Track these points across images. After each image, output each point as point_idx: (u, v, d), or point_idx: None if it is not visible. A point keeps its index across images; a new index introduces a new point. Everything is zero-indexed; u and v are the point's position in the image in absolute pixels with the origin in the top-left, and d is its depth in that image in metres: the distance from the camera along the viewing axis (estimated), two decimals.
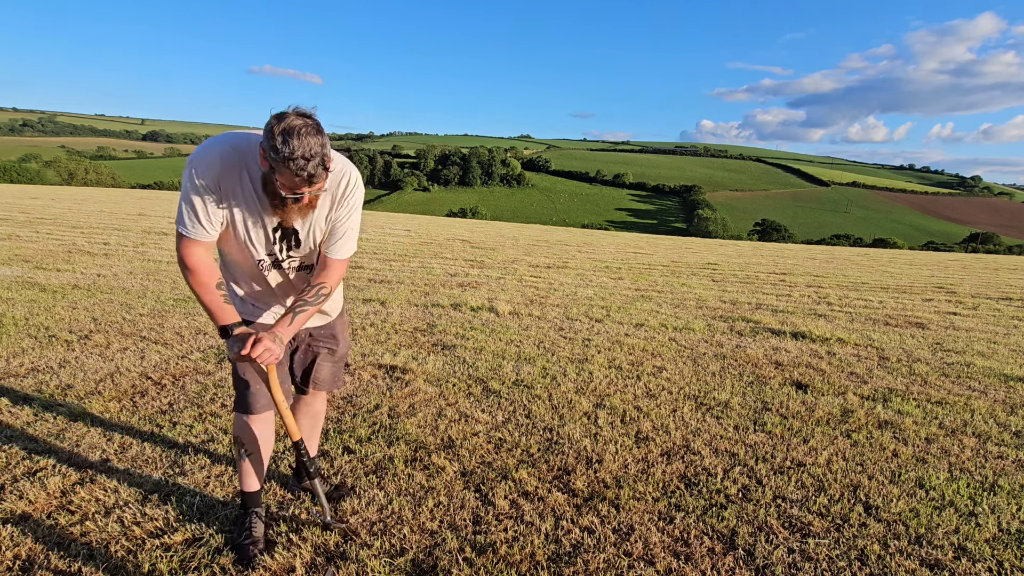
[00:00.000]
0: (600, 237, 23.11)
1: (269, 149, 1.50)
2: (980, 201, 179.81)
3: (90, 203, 19.38)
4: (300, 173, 1.51)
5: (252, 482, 2.00)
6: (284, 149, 1.48)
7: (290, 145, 1.48)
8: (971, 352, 4.96)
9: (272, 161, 1.51)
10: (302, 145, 1.49)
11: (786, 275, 10.70)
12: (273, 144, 1.48)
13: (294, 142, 1.48)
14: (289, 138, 1.48)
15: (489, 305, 5.93)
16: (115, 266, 7.20)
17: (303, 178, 1.53)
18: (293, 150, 1.48)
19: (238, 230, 1.71)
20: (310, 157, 1.50)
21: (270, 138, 1.49)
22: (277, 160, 1.49)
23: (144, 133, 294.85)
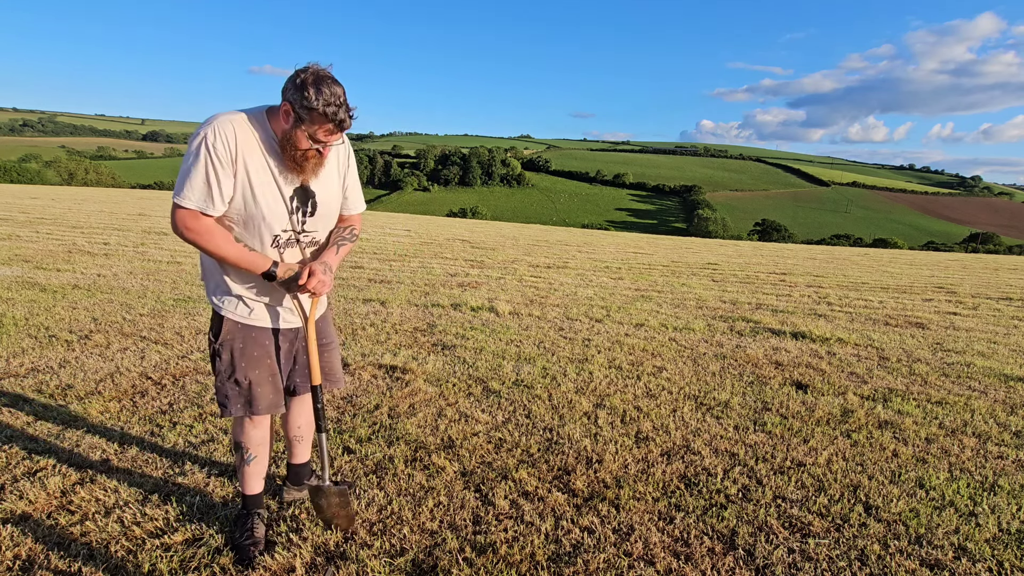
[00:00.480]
0: (600, 237, 23.12)
1: (300, 100, 1.56)
2: (980, 201, 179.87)
3: (90, 203, 19.38)
4: (334, 118, 1.59)
5: (255, 485, 2.00)
6: (319, 97, 1.56)
7: (323, 93, 1.56)
8: (971, 352, 4.96)
9: (303, 111, 1.57)
10: (333, 92, 1.58)
11: (786, 275, 10.70)
12: (305, 94, 1.55)
13: (326, 89, 1.57)
14: (322, 86, 1.57)
15: (489, 305, 5.93)
16: (115, 266, 7.20)
17: (336, 123, 1.61)
18: (328, 97, 1.57)
19: (257, 202, 1.68)
20: (341, 103, 1.60)
21: (301, 89, 1.56)
22: (310, 109, 1.56)
23: (144, 133, 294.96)
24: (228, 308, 1.83)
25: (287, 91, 1.60)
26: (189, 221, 1.64)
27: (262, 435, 1.96)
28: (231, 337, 1.84)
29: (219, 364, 1.86)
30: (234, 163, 1.63)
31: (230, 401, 1.87)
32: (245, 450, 1.94)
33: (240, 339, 1.84)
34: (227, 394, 1.87)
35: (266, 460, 2.01)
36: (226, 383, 1.86)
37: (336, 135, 1.66)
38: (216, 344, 1.85)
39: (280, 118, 1.64)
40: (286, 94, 1.60)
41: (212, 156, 1.60)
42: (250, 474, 1.97)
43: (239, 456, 1.96)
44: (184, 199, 1.62)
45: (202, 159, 1.59)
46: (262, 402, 1.89)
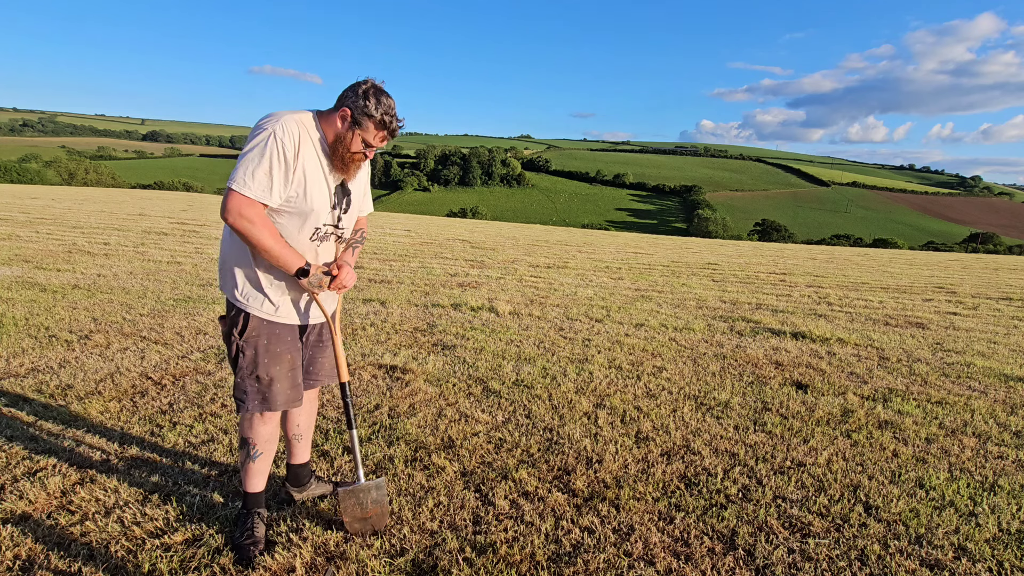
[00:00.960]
0: (600, 237, 23.12)
1: (360, 107, 1.75)
2: (980, 201, 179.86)
3: (90, 203, 19.39)
4: (388, 125, 1.80)
5: (258, 482, 2.00)
6: (379, 106, 1.77)
7: (382, 103, 1.77)
8: (971, 352, 4.96)
9: (362, 117, 1.76)
10: (389, 103, 1.79)
11: (786, 275, 10.70)
12: (365, 103, 1.75)
13: (384, 100, 1.78)
14: (380, 96, 1.78)
15: (489, 305, 5.93)
16: (115, 266, 7.20)
17: (390, 130, 1.81)
18: (384, 107, 1.78)
19: (311, 194, 1.79)
20: (394, 114, 1.81)
21: (362, 97, 1.75)
22: (369, 115, 1.76)
23: (144, 133, 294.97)
24: (254, 305, 1.85)
25: (347, 98, 1.78)
26: (246, 208, 1.70)
27: (271, 431, 1.97)
28: (256, 334, 1.86)
29: (242, 360, 1.87)
30: (296, 159, 1.73)
31: (248, 397, 1.89)
32: (252, 446, 1.95)
33: (265, 336, 1.87)
34: (246, 390, 1.89)
35: (270, 458, 2.02)
36: (247, 379, 1.88)
37: (385, 141, 1.83)
38: (240, 341, 1.86)
39: (335, 121, 1.79)
40: (346, 100, 1.78)
41: (278, 150, 1.70)
42: (254, 471, 1.98)
43: (244, 452, 1.96)
44: (245, 187, 1.68)
45: (268, 152, 1.69)
46: (279, 398, 1.91)
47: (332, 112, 1.81)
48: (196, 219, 15.12)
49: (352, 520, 2.01)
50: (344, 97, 1.79)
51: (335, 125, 1.79)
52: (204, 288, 6.14)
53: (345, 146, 1.80)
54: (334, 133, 1.80)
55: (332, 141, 1.81)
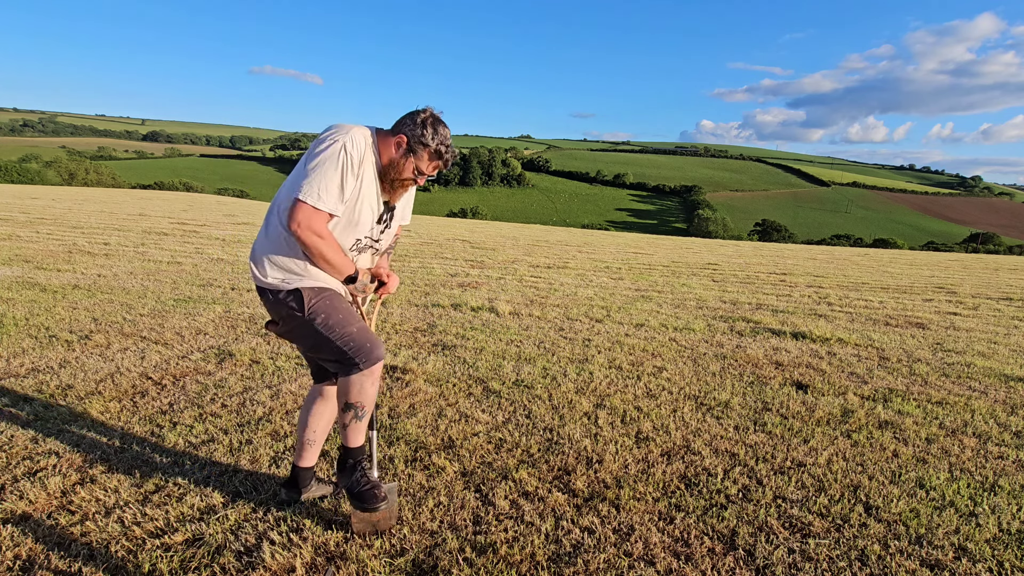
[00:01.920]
0: (600, 237, 23.11)
1: (417, 136, 1.81)
2: (980, 201, 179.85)
3: (90, 203, 19.39)
4: (443, 155, 1.86)
5: (361, 437, 2.03)
6: (436, 137, 1.82)
7: (439, 133, 1.83)
8: (971, 352, 4.96)
9: (417, 145, 1.81)
10: (445, 132, 1.85)
11: (786, 275, 10.70)
12: (422, 132, 1.81)
13: (441, 129, 1.85)
14: (438, 127, 1.84)
15: (489, 305, 5.93)
16: (115, 266, 7.20)
17: (444, 161, 1.88)
18: (441, 138, 1.84)
19: (361, 208, 1.85)
20: (450, 143, 1.87)
21: (420, 127, 1.81)
22: (425, 145, 1.82)
23: (144, 133, 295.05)
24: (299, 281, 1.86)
25: (405, 125, 1.83)
26: (315, 222, 1.73)
27: (375, 391, 1.98)
28: (315, 300, 1.87)
29: (322, 329, 1.87)
30: (359, 174, 1.79)
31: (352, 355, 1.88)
32: (359, 408, 1.94)
33: (326, 297, 1.89)
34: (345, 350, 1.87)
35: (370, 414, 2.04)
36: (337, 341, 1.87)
37: (437, 170, 1.89)
38: (306, 315, 1.86)
39: (391, 145, 1.84)
40: (403, 128, 1.83)
41: (348, 163, 1.74)
42: (358, 429, 1.99)
43: (351, 414, 1.95)
44: (319, 200, 1.72)
45: (340, 165, 1.73)
46: (378, 344, 1.93)
47: (389, 135, 1.86)
48: (196, 219, 15.12)
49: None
50: (402, 124, 1.84)
51: (390, 149, 1.85)
52: (204, 288, 6.14)
53: (397, 171, 1.85)
54: (388, 157, 1.85)
55: (385, 164, 1.86)
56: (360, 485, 1.99)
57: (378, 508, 1.95)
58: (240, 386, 3.34)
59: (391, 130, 1.87)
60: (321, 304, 1.88)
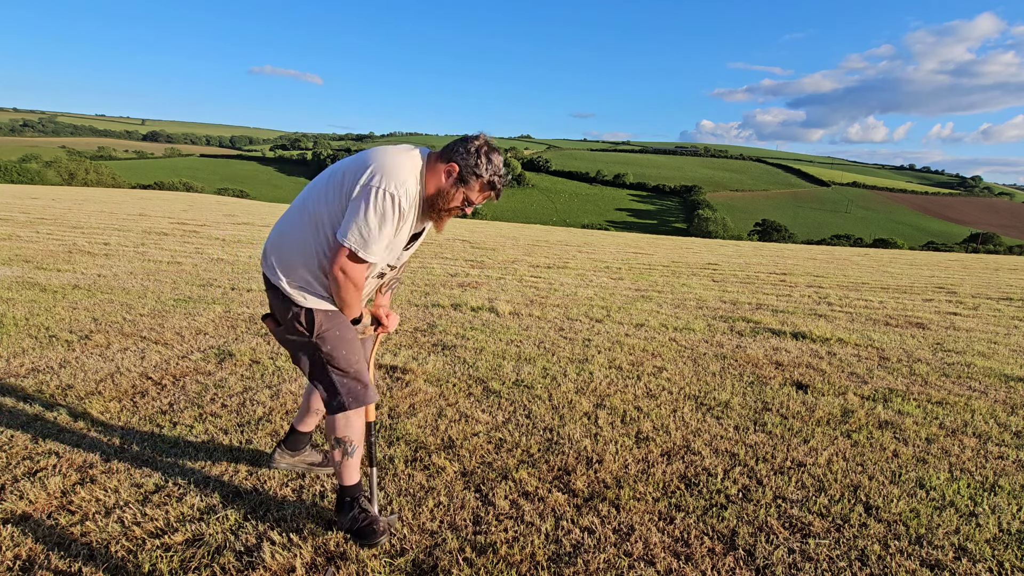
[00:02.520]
0: (600, 237, 23.12)
1: (471, 167, 1.74)
2: (980, 201, 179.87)
3: (90, 203, 19.39)
4: (495, 187, 1.79)
5: (356, 474, 2.01)
6: (489, 167, 1.75)
7: (493, 163, 1.76)
8: (971, 352, 4.96)
9: (470, 175, 1.74)
10: (498, 161, 1.78)
11: (786, 275, 10.70)
12: (476, 161, 1.74)
13: (495, 158, 1.77)
14: (491, 155, 1.76)
15: (489, 305, 5.93)
16: (115, 266, 7.20)
17: (497, 192, 1.81)
18: (494, 168, 1.77)
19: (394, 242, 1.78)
20: (503, 173, 1.80)
21: (474, 155, 1.73)
22: (478, 176, 1.74)
23: (144, 133, 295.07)
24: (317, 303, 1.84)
25: (457, 153, 1.75)
26: (354, 270, 1.71)
27: (363, 424, 1.97)
28: (326, 326, 1.85)
29: (321, 355, 1.85)
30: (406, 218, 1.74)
31: (340, 394, 1.87)
32: (348, 443, 1.93)
33: (336, 326, 1.86)
34: (336, 387, 1.87)
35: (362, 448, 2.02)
36: (332, 375, 1.86)
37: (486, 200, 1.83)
38: (313, 337, 1.84)
39: (440, 174, 1.76)
40: (455, 156, 1.75)
41: (397, 214, 1.69)
42: (351, 466, 1.98)
43: (340, 450, 1.94)
44: (369, 254, 1.69)
45: (392, 218, 1.68)
46: (371, 388, 1.92)
47: (438, 161, 1.78)
48: (196, 219, 15.12)
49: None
50: (454, 152, 1.76)
51: (439, 177, 1.77)
52: (204, 288, 6.14)
53: (446, 201, 1.78)
54: (436, 186, 1.77)
55: (432, 194, 1.78)
56: (359, 522, 1.97)
57: (379, 543, 1.94)
58: (240, 386, 3.34)
59: (441, 155, 1.79)
60: (331, 333, 1.86)
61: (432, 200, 1.78)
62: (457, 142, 1.78)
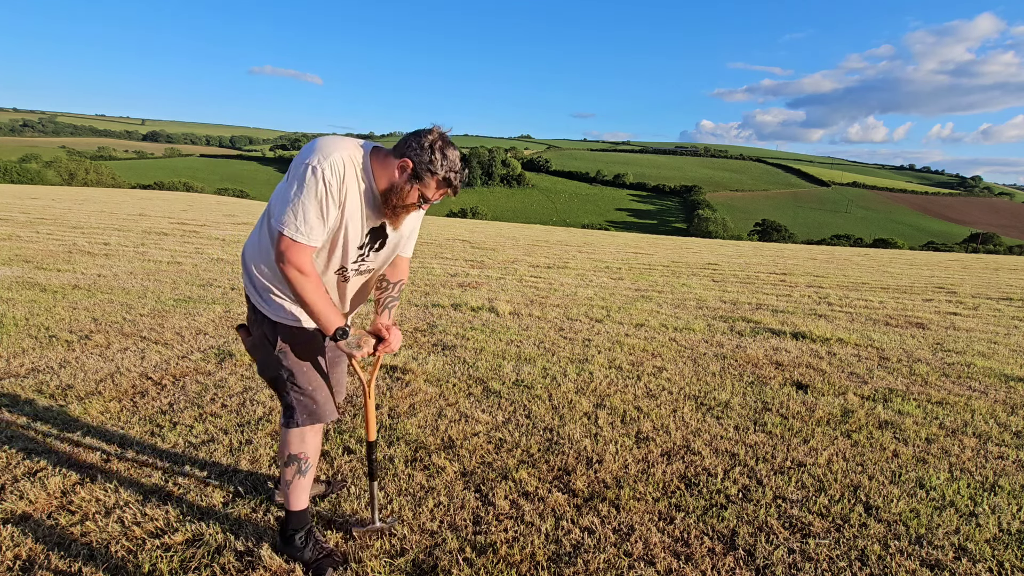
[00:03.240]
0: (600, 237, 23.11)
1: (424, 163, 1.64)
2: (980, 201, 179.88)
3: (90, 203, 19.39)
4: (452, 183, 1.69)
5: (305, 498, 1.92)
6: (445, 163, 1.66)
7: (448, 159, 1.66)
8: (971, 352, 4.96)
9: (424, 172, 1.64)
10: (454, 156, 1.68)
11: (786, 275, 10.70)
12: (430, 158, 1.64)
13: (450, 154, 1.67)
14: (447, 151, 1.66)
15: (489, 305, 5.93)
16: (115, 266, 7.20)
17: (453, 188, 1.71)
18: (450, 164, 1.67)
19: (345, 236, 1.70)
20: (459, 168, 1.70)
21: (428, 151, 1.63)
22: (433, 172, 1.65)
23: (144, 133, 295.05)
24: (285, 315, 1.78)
25: (410, 148, 1.65)
26: (302, 259, 1.60)
27: (319, 442, 1.91)
28: (289, 341, 1.80)
29: (282, 371, 1.80)
30: (340, 200, 1.63)
31: (296, 411, 1.82)
32: (303, 460, 1.86)
33: (301, 342, 1.81)
34: (292, 403, 1.82)
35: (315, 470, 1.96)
36: (290, 392, 1.82)
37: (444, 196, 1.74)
38: (276, 350, 1.79)
39: (392, 169, 1.67)
40: (408, 151, 1.65)
41: (326, 192, 1.58)
42: (303, 487, 1.89)
43: (294, 468, 1.86)
44: (300, 234, 1.58)
45: (318, 192, 1.57)
46: (327, 406, 1.86)
47: (390, 156, 1.68)
48: (196, 219, 15.12)
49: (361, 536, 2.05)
50: (407, 146, 1.66)
51: (391, 173, 1.67)
52: (204, 288, 6.14)
53: (400, 198, 1.68)
54: (388, 181, 1.68)
55: (385, 188, 1.68)
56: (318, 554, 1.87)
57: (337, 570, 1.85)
58: (240, 386, 3.34)
59: (394, 150, 1.69)
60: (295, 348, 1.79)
61: (386, 195, 1.69)
62: (410, 136, 1.68)
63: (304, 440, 1.86)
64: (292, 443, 1.85)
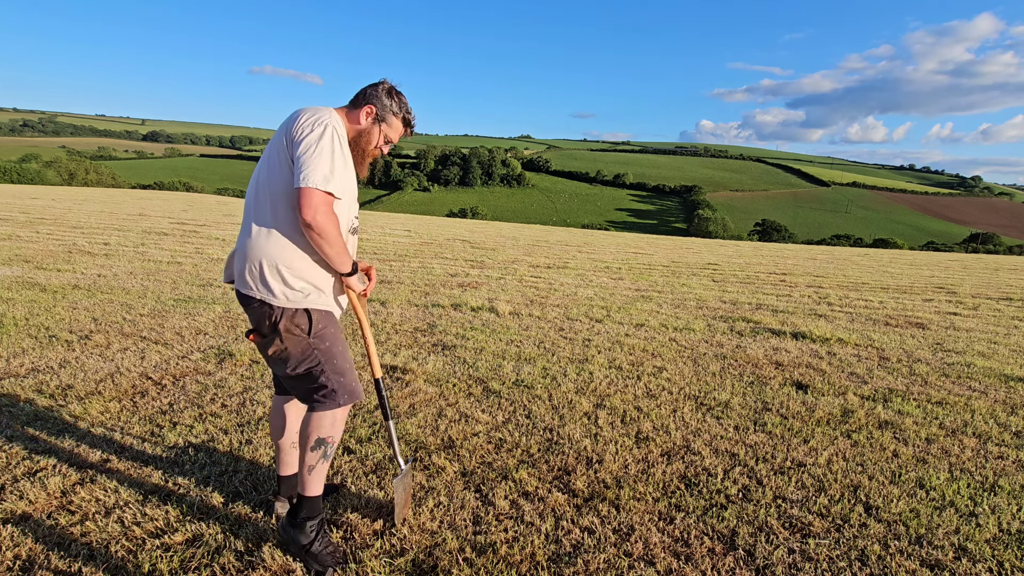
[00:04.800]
0: (600, 237, 23.11)
1: (385, 105, 1.88)
2: (980, 201, 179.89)
3: (90, 203, 19.39)
4: (411, 122, 1.97)
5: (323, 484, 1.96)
6: (402, 104, 1.92)
7: (404, 102, 1.93)
8: (971, 352, 4.96)
9: (386, 113, 1.89)
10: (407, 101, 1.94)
11: (786, 275, 10.70)
12: (390, 101, 1.89)
13: (403, 99, 1.93)
14: (401, 96, 1.93)
15: (489, 305, 5.93)
16: (115, 266, 7.20)
17: (411, 128, 1.98)
18: (407, 106, 1.94)
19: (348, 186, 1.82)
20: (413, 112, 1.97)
21: (386, 96, 1.89)
22: (394, 113, 1.91)
23: (144, 133, 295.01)
24: (313, 300, 1.81)
25: (371, 96, 1.88)
26: (327, 205, 1.69)
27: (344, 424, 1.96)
28: (322, 326, 1.83)
29: (318, 357, 1.83)
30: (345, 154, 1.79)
31: (337, 393, 1.86)
32: (330, 444, 1.88)
33: (331, 325, 1.87)
34: (332, 387, 1.85)
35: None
36: (330, 375, 1.85)
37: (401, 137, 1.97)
38: (311, 339, 1.81)
39: (358, 117, 1.88)
40: (370, 99, 1.88)
41: (340, 145, 1.75)
42: (324, 472, 1.91)
43: (320, 452, 1.86)
44: (328, 184, 1.68)
45: (337, 148, 1.72)
46: (359, 384, 1.93)
47: (353, 108, 1.89)
48: (196, 219, 15.12)
49: (401, 506, 2.07)
50: (367, 96, 1.88)
51: (358, 120, 1.88)
52: (204, 288, 6.14)
53: (367, 139, 1.89)
54: (356, 128, 1.88)
55: (353, 136, 1.88)
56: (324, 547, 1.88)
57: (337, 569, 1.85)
58: (240, 386, 3.34)
59: (352, 103, 1.90)
60: (328, 331, 1.84)
61: (355, 142, 1.88)
62: (366, 88, 1.90)
63: (335, 422, 1.88)
64: (323, 426, 1.86)
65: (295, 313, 1.79)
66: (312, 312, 1.81)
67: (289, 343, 1.81)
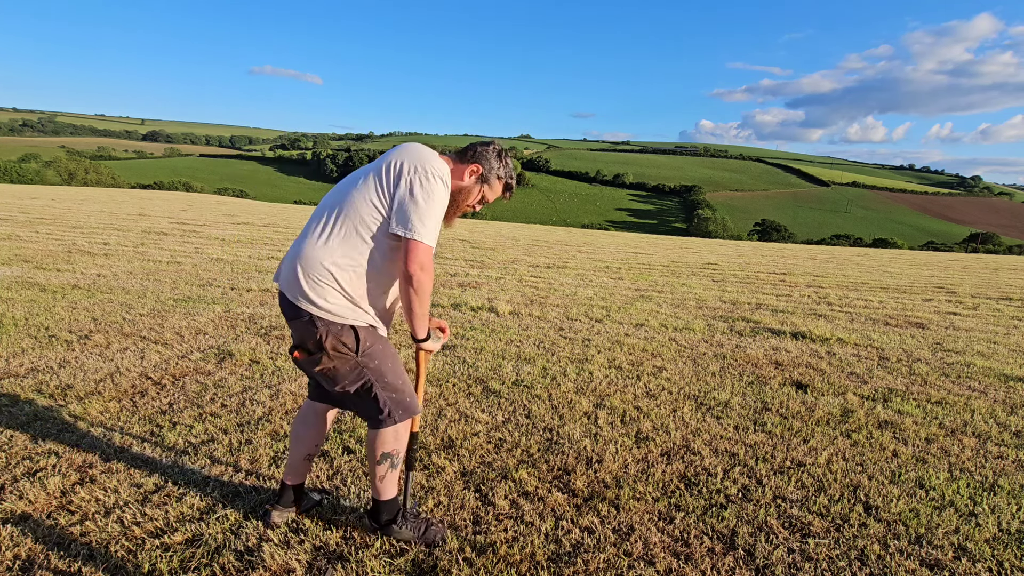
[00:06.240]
0: (600, 237, 23.12)
1: (494, 168, 1.91)
2: (980, 201, 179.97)
3: (90, 203, 19.38)
4: (512, 188, 1.99)
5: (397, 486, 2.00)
6: (506, 169, 1.95)
7: (509, 167, 1.95)
8: (971, 352, 4.96)
9: (491, 176, 1.91)
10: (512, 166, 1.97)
11: (786, 275, 10.70)
12: (500, 164, 1.93)
13: (511, 162, 1.97)
14: (508, 159, 1.96)
15: (489, 305, 5.93)
16: (115, 266, 7.20)
17: (511, 191, 2.00)
18: (510, 171, 1.96)
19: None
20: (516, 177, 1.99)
21: (496, 159, 1.92)
22: (499, 177, 1.93)
23: (144, 133, 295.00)
24: (357, 318, 1.76)
25: (480, 156, 1.91)
26: (431, 262, 1.73)
27: (408, 435, 1.97)
28: (369, 343, 1.79)
29: (370, 375, 1.80)
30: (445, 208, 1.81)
31: (392, 410, 1.85)
32: (395, 456, 1.90)
33: (379, 341, 1.83)
34: (387, 405, 1.84)
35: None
36: (383, 392, 1.83)
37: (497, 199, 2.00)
38: (359, 356, 1.78)
39: (463, 174, 1.89)
40: (478, 158, 1.91)
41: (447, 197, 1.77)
42: (394, 479, 1.95)
43: (387, 464, 1.89)
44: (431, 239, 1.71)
45: (444, 200, 1.75)
46: (415, 398, 1.94)
47: (461, 164, 1.90)
48: (196, 219, 15.12)
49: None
50: (475, 153, 1.91)
51: (461, 176, 1.88)
52: (204, 288, 6.14)
53: (465, 197, 1.91)
54: (457, 185, 1.88)
55: (454, 191, 1.87)
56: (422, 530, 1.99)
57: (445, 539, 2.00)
58: (240, 386, 3.34)
59: (460, 157, 1.92)
60: (376, 348, 1.81)
61: (452, 197, 1.87)
62: (476, 145, 1.92)
63: (398, 437, 1.89)
64: (387, 442, 1.88)
65: (341, 330, 1.74)
66: (359, 330, 1.77)
67: (337, 362, 1.78)
